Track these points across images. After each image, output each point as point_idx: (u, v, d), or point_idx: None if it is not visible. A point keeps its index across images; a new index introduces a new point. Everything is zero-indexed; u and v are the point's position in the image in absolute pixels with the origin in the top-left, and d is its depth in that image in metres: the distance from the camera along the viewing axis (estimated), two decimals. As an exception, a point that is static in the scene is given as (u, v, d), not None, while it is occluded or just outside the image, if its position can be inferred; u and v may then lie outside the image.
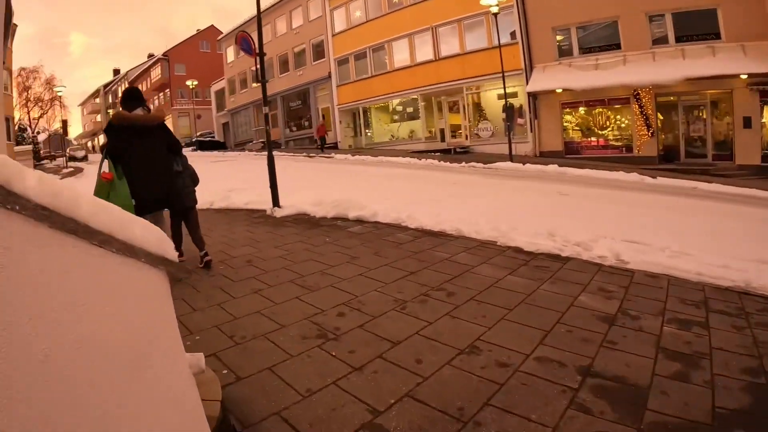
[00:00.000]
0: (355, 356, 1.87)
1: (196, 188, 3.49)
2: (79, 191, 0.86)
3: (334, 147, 18.63)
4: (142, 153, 2.71)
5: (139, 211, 2.53)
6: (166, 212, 3.20)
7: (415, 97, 15.91)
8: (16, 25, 20.43)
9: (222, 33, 28.38)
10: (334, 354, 1.90)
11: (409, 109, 16.50)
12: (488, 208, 5.17)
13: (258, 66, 5.40)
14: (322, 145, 17.40)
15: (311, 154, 15.76)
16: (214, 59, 30.77)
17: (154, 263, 1.03)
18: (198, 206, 3.53)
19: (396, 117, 17.09)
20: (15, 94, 26.72)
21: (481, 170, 10.20)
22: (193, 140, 27.79)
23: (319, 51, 20.14)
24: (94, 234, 0.82)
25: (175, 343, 1.14)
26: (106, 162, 2.65)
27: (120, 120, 2.69)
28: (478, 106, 14.45)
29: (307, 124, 21.29)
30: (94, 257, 0.84)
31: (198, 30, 35.33)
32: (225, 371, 1.77)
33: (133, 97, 2.83)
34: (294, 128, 22.14)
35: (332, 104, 19.40)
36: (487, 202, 5.68)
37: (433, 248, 3.47)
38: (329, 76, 19.41)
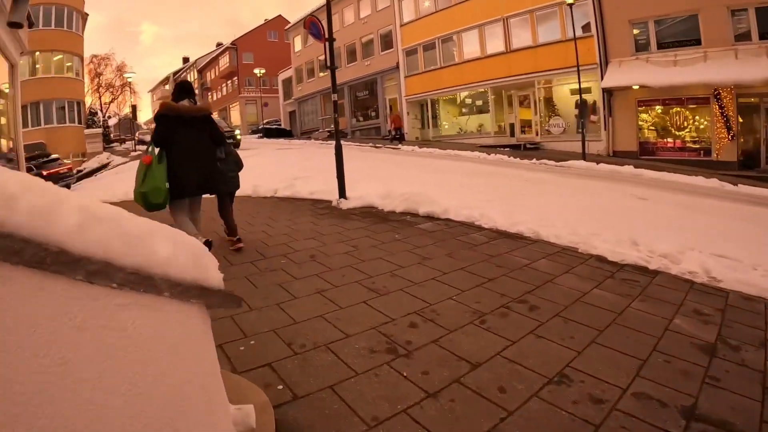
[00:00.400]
0: (429, 379, 1.82)
1: (240, 173, 4.08)
2: (62, 192, 0.65)
3: (401, 138, 20.97)
4: (185, 141, 3.16)
5: (176, 194, 3.12)
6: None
7: (485, 90, 17.57)
8: (87, 14, 25.32)
9: (289, 23, 31.64)
10: (405, 375, 1.85)
11: (478, 102, 18.24)
12: (564, 209, 5.30)
13: (327, 52, 5.56)
14: (397, 137, 18.99)
15: (377, 145, 17.71)
16: (282, 48, 34.41)
17: (186, 296, 0.79)
18: (262, 194, 4.82)
19: (464, 110, 18.90)
20: (87, 80, 32.35)
21: (553, 168, 10.79)
22: (260, 127, 31.79)
23: (387, 41, 22.31)
24: (76, 263, 0.59)
25: (218, 408, 0.92)
26: (152, 147, 3.14)
27: (167, 109, 3.18)
28: (549, 101, 15.77)
29: (374, 114, 23.80)
30: (77, 301, 0.59)
31: (266, 19, 39.25)
32: (280, 386, 1.75)
33: (183, 90, 3.39)
34: (360, 118, 24.80)
35: (400, 95, 21.62)
36: (562, 203, 5.84)
37: (510, 252, 3.51)
38: (397, 67, 21.56)
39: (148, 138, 36.56)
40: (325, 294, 2.69)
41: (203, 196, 3.52)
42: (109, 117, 39.76)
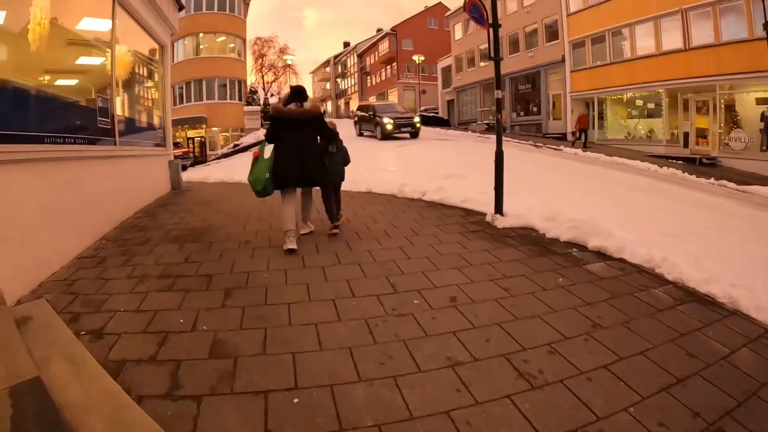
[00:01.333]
0: None
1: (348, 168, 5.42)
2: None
3: (563, 138, 24.14)
4: (290, 139, 4.50)
5: (277, 185, 4.56)
6: (315, 189, 5.07)
7: (659, 91, 19.54)
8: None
9: (449, 10, 36.94)
10: None
11: (650, 105, 20.27)
12: (760, 259, 4.88)
13: (490, 39, 5.71)
14: (580, 140, 20.25)
15: (537, 144, 20.42)
16: (441, 36, 40.16)
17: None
18: (408, 195, 6.29)
19: (634, 112, 21.08)
20: (251, 60, 43.07)
21: (735, 193, 11.04)
22: (417, 114, 38.21)
23: (552, 32, 25.42)
24: None
25: None
26: (263, 143, 4.74)
27: (275, 112, 4.62)
28: (730, 110, 16.91)
29: (535, 109, 27.35)
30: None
31: (426, 6, 45.76)
32: None
33: (293, 93, 4.69)
34: (521, 113, 28.60)
35: (564, 91, 24.69)
36: (758, 249, 5.42)
37: (703, 328, 3.00)
38: (563, 60, 24.59)
39: None
40: (458, 370, 2.40)
41: (316, 188, 5.03)
42: (272, 95, 52.51)
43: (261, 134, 29.56)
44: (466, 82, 34.39)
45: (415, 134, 19.70)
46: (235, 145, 27.67)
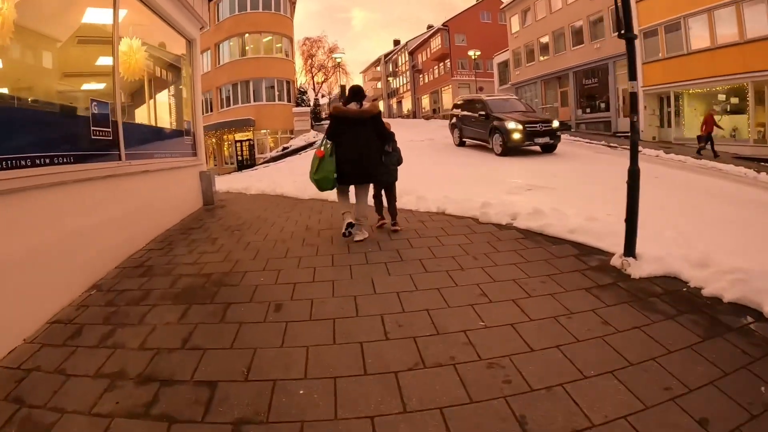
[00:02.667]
0: None
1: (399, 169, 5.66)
2: None
3: (713, 149, 23.04)
4: (350, 138, 4.96)
5: (340, 182, 5.06)
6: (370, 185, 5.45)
7: (744, 84, 18.44)
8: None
9: (503, 2, 36.56)
10: None
11: (734, 100, 19.12)
12: None
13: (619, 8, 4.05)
14: (708, 146, 16.85)
15: (611, 144, 19.81)
16: (495, 30, 39.98)
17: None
18: (494, 219, 5.49)
19: (716, 108, 19.99)
20: (300, 61, 43.62)
21: None
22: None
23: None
24: None
25: None
26: (325, 141, 5.10)
27: (336, 111, 5.14)
28: None
29: (603, 105, 26.50)
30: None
31: (478, 0, 45.44)
32: None
33: (353, 92, 5.20)
34: (587, 110, 27.79)
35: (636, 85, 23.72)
36: None
37: None
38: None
39: None
40: None
41: (369, 185, 5.41)
42: (322, 96, 53.89)
43: (311, 136, 30.24)
44: (525, 77, 33.84)
45: (551, 147, 14.49)
46: (284, 148, 28.65)
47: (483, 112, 14.95)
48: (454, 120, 17.65)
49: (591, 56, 26.68)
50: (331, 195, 6.56)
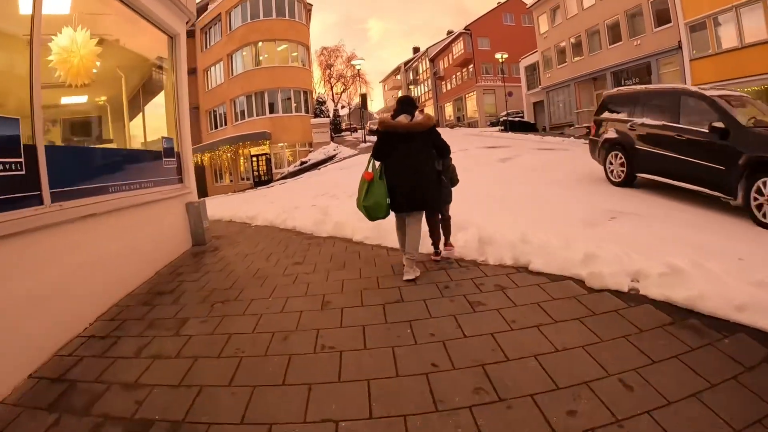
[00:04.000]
0: None
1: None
2: None
3: (686, 141, 21.66)
4: (401, 157, 4.34)
5: (394, 209, 4.46)
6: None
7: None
8: (310, 5, 34.69)
9: (526, 4, 35.57)
10: None
11: (801, 96, 17.49)
12: None
13: None
14: None
15: None
16: (520, 32, 39.18)
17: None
18: (612, 285, 3.60)
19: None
20: (317, 71, 42.41)
21: None
22: (500, 120, 36.77)
23: (662, 13, 23.20)
24: None
25: None
26: (372, 162, 4.51)
27: (383, 126, 4.45)
28: None
29: (645, 108, 24.99)
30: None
31: (498, 2, 44.72)
32: None
33: (402, 103, 4.56)
34: (628, 113, 26.29)
35: (683, 84, 22.30)
36: None
37: None
38: (679, 47, 22.30)
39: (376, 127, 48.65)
40: None
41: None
42: (343, 107, 53.24)
43: (331, 149, 29.10)
44: (556, 80, 32.56)
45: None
46: (302, 163, 27.86)
47: (717, 124, 6.63)
48: (608, 134, 9.18)
49: (630, 54, 25.31)
50: (357, 234, 5.97)
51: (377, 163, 4.55)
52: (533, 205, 7.34)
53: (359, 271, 4.96)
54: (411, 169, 4.35)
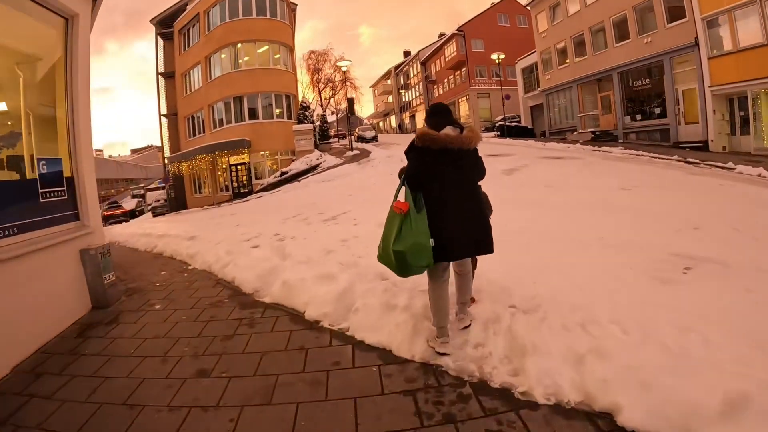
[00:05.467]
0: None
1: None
2: None
3: (701, 148, 19.73)
4: (451, 183, 3.15)
5: (442, 255, 3.12)
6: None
7: None
8: (295, 4, 32.63)
9: (520, 3, 33.68)
10: None
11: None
12: None
13: None
14: None
15: (688, 159, 16.16)
16: (515, 33, 37.47)
17: None
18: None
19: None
20: (303, 74, 40.42)
21: None
22: (496, 125, 34.78)
23: (675, 7, 21.27)
24: None
25: None
26: (403, 189, 3.19)
27: (426, 141, 3.11)
28: None
29: (657, 111, 23.04)
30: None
31: (492, 3, 42.99)
32: None
33: (440, 113, 3.33)
34: (637, 116, 24.33)
35: (700, 85, 20.32)
36: None
37: None
38: (695, 44, 20.32)
39: (369, 134, 46.04)
40: None
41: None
42: (333, 112, 51.09)
43: (314, 158, 26.67)
44: (557, 82, 30.50)
45: None
46: (283, 173, 25.67)
47: None
48: None
49: (640, 52, 23.31)
50: (313, 307, 4.24)
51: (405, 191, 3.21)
52: (569, 249, 5.09)
53: (298, 410, 2.74)
54: (467, 199, 3.22)
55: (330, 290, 4.14)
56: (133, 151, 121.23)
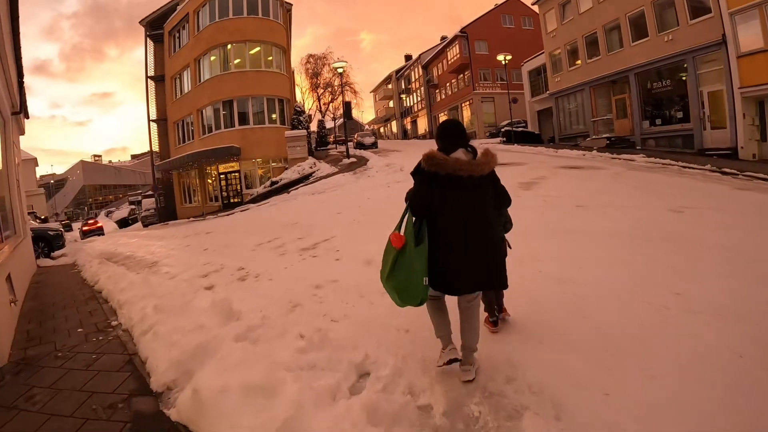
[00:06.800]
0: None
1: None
2: None
3: (730, 155, 17.97)
4: (459, 212, 2.81)
5: (442, 288, 2.85)
6: None
7: None
8: (290, 4, 31.16)
9: (525, 4, 32.03)
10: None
11: None
12: None
13: None
14: None
15: (724, 170, 14.42)
16: (520, 35, 35.84)
17: None
18: None
19: None
20: (301, 79, 39.80)
21: None
22: (501, 130, 33.03)
23: (698, 2, 19.63)
24: None
25: None
26: (407, 216, 2.92)
27: (433, 165, 2.80)
28: None
29: (679, 115, 21.27)
30: None
31: (496, 4, 41.54)
32: None
33: (451, 133, 2.97)
34: (657, 121, 22.55)
35: (728, 86, 18.58)
36: None
37: None
38: (722, 41, 18.61)
39: (368, 141, 44.65)
40: None
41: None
42: (333, 118, 49.54)
43: (307, 166, 24.91)
44: (567, 84, 28.70)
45: None
46: (273, 183, 23.98)
47: None
48: None
49: (660, 51, 21.55)
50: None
51: (412, 219, 2.88)
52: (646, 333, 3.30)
53: None
54: (477, 230, 2.80)
55: (266, 421, 2.37)
56: (133, 157, 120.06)
